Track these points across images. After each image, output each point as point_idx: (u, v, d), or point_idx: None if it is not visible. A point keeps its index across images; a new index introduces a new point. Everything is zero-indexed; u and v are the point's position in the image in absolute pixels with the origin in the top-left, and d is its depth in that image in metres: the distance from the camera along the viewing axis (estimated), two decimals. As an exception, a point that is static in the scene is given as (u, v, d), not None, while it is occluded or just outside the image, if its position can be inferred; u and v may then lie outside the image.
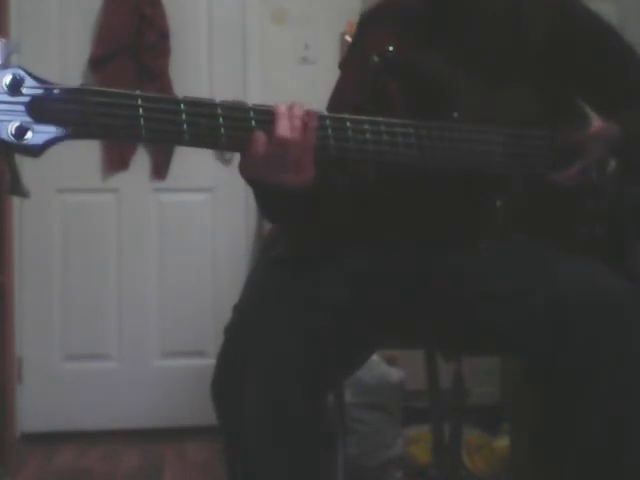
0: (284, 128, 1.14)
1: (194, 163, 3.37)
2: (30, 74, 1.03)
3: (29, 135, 1.01)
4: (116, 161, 3.40)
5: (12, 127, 1.00)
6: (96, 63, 3.35)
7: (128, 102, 1.07)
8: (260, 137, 1.13)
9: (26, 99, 1.02)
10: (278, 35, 3.50)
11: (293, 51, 3.51)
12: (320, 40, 3.50)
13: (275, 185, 1.18)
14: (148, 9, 3.35)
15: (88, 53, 3.36)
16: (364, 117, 1.23)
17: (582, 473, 1.27)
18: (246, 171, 1.18)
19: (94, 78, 3.35)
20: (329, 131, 1.20)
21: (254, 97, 3.43)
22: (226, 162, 3.32)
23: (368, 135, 1.23)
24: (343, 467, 1.79)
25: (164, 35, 3.39)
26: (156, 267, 3.47)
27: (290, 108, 1.16)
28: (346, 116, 1.22)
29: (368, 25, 1.56)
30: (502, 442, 2.72)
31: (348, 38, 3.22)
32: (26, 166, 1.33)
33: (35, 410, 3.35)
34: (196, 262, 3.48)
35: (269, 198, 1.26)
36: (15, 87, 1.01)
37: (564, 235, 1.43)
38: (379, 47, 1.43)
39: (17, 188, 1.07)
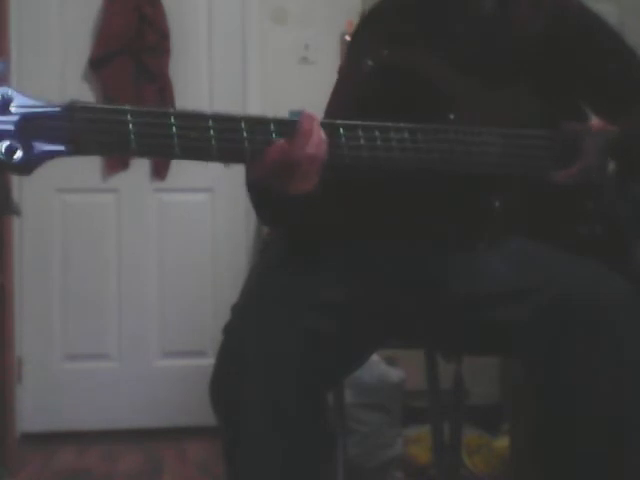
0: (312, 145, 1.15)
1: (194, 163, 3.36)
2: (19, 92, 1.02)
3: (19, 154, 1.01)
4: (116, 161, 3.40)
5: (2, 146, 1.00)
6: (96, 63, 3.35)
7: (117, 117, 1.06)
8: (281, 146, 1.14)
9: (15, 118, 1.01)
10: (278, 35, 3.50)
11: (293, 51, 3.51)
12: (320, 40, 3.50)
13: (278, 190, 1.19)
14: (148, 9, 3.35)
15: (88, 53, 3.37)
16: (358, 122, 1.23)
17: (582, 473, 1.27)
18: (254, 175, 1.19)
19: (94, 78, 3.36)
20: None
21: (254, 97, 3.44)
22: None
23: (362, 141, 1.23)
24: (343, 467, 1.79)
25: (164, 35, 3.39)
26: (156, 267, 3.47)
27: (315, 123, 1.17)
28: (338, 122, 1.22)
29: (365, 29, 1.56)
30: (502, 442, 2.72)
31: (348, 38, 3.22)
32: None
33: (35, 410, 3.36)
34: (196, 262, 3.48)
35: (268, 201, 1.26)
36: (4, 106, 1.01)
37: (564, 235, 1.43)
38: (374, 51, 1.43)
39: (8, 207, 1.08)
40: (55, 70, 3.33)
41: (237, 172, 1.37)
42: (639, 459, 1.26)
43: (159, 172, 3.44)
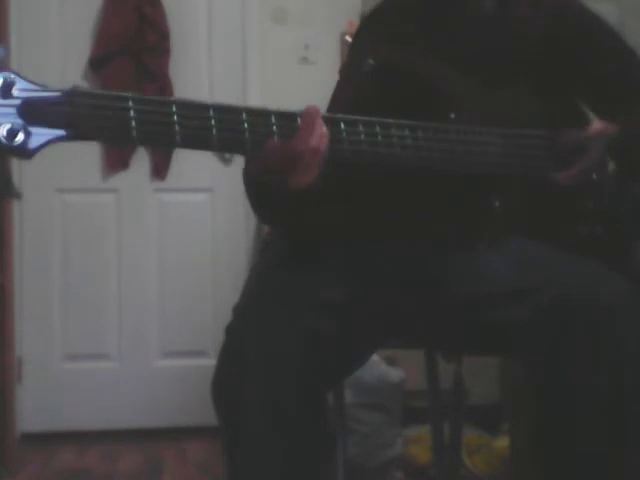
0: (315, 137, 1.15)
1: (194, 163, 3.37)
2: (21, 77, 1.03)
3: (20, 137, 1.01)
4: (116, 161, 3.40)
5: (3, 129, 1.00)
6: (96, 63, 3.35)
7: (119, 104, 1.06)
8: (276, 145, 1.14)
9: (17, 102, 1.02)
10: (278, 35, 3.50)
11: (293, 51, 3.51)
12: (320, 40, 3.50)
13: (278, 184, 1.18)
14: (148, 9, 3.36)
15: (88, 53, 3.37)
16: (359, 117, 1.24)
17: (582, 473, 1.27)
18: (254, 168, 1.19)
19: (94, 78, 3.36)
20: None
21: (254, 97, 3.43)
22: (226, 162, 3.32)
23: (362, 136, 1.23)
24: (343, 467, 1.79)
25: (164, 35, 3.39)
26: (156, 267, 3.47)
27: (317, 116, 1.17)
28: (339, 116, 1.22)
29: (366, 29, 1.56)
30: (502, 442, 2.72)
31: (348, 38, 3.22)
32: (26, 166, 1.33)
33: (35, 410, 3.36)
34: (196, 262, 3.48)
35: (268, 197, 1.26)
36: (6, 90, 1.02)
37: (564, 235, 1.43)
38: (374, 50, 1.43)
39: (8, 190, 1.08)
40: (55, 70, 3.33)
41: (237, 172, 1.37)
42: (639, 459, 1.26)
43: (159, 172, 3.44)
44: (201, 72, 3.49)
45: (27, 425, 3.33)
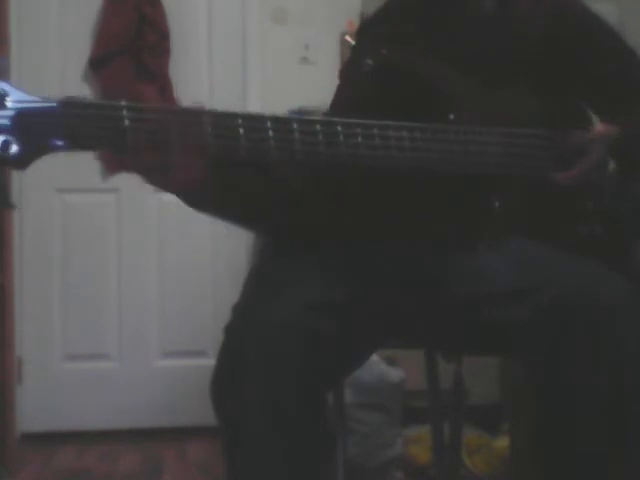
0: None
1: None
2: (15, 88, 1.03)
3: (14, 148, 1.01)
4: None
5: None
6: (96, 63, 3.35)
7: (113, 113, 1.06)
8: None
9: (11, 113, 1.02)
10: (278, 35, 3.50)
11: (293, 51, 3.51)
12: (320, 40, 3.50)
13: None
14: (148, 9, 3.35)
15: (88, 53, 3.37)
16: (356, 120, 1.23)
17: (582, 473, 1.27)
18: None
19: (94, 78, 3.36)
20: (320, 136, 1.20)
21: (254, 97, 3.43)
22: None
23: (360, 139, 1.23)
24: (343, 467, 1.79)
25: (164, 35, 3.39)
26: (156, 267, 3.47)
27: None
28: (337, 119, 1.22)
29: (367, 29, 1.56)
30: (502, 442, 2.72)
31: (348, 38, 3.22)
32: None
33: (35, 410, 3.36)
34: (196, 262, 3.48)
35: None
36: (0, 101, 1.02)
37: (564, 235, 1.43)
38: (374, 50, 1.43)
39: (4, 201, 1.09)
40: (55, 70, 3.33)
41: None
42: (639, 459, 1.26)
43: (159, 172, 3.44)
44: (201, 72, 3.49)
45: (27, 425, 3.33)
